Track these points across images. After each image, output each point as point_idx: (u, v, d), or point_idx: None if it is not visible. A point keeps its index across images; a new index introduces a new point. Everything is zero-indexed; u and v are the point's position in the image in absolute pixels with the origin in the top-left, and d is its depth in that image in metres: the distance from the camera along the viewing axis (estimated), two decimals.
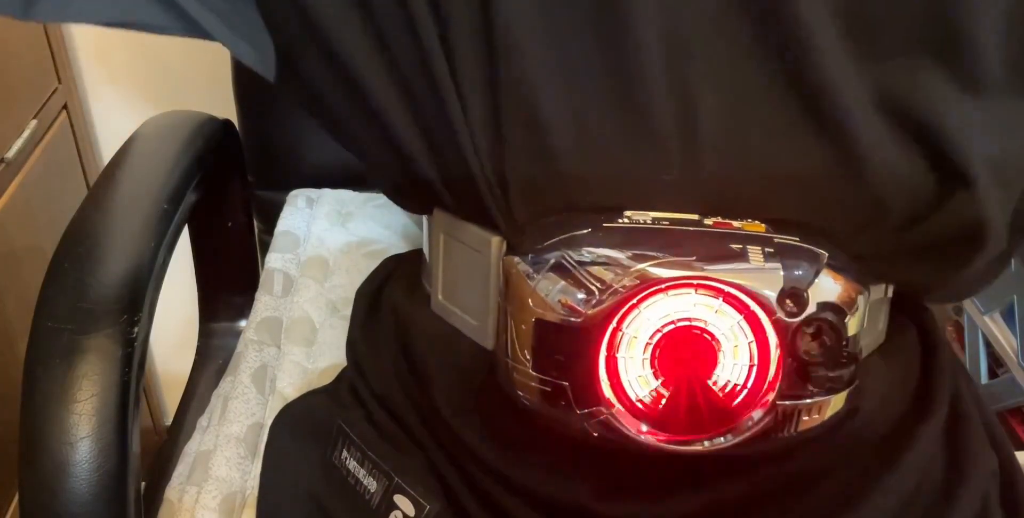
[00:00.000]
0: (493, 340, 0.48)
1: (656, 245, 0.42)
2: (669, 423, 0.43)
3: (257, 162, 0.89)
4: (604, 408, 0.43)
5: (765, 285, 0.41)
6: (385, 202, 0.89)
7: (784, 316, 0.41)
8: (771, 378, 0.42)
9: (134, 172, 0.61)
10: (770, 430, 0.43)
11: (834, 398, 0.43)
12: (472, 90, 0.42)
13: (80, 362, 0.46)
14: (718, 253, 0.41)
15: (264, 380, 0.68)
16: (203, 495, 0.59)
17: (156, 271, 0.54)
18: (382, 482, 0.50)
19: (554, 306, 0.42)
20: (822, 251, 0.42)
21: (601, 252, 0.42)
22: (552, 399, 0.43)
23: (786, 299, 0.41)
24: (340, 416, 0.54)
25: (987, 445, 0.52)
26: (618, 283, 0.41)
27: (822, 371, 0.42)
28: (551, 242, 0.43)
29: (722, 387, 0.43)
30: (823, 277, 0.42)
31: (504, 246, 0.46)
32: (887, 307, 0.51)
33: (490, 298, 0.47)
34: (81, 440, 0.45)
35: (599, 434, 0.43)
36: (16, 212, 0.92)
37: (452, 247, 0.50)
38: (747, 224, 0.43)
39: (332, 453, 0.54)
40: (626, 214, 0.43)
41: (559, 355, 0.43)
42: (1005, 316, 0.97)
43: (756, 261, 0.41)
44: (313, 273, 0.78)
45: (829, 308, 0.42)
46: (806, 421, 0.43)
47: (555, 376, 0.43)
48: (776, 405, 0.42)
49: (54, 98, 1.01)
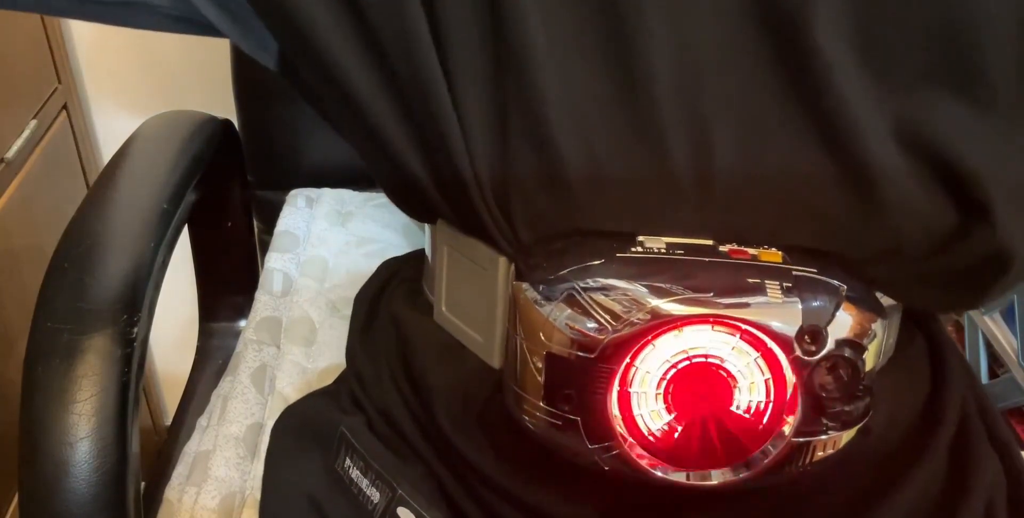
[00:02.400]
0: (498, 359, 0.47)
1: (672, 277, 0.41)
2: (681, 457, 0.42)
3: (257, 162, 0.89)
4: (616, 443, 0.42)
5: (783, 322, 0.40)
6: (385, 202, 0.88)
7: (802, 354, 0.41)
8: (786, 414, 0.42)
9: (134, 172, 0.61)
10: (783, 463, 0.42)
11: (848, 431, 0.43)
12: (475, 112, 0.41)
13: (80, 362, 0.46)
14: (735, 287, 0.41)
15: (263, 380, 0.68)
16: (202, 495, 0.59)
17: (156, 271, 0.54)
18: (385, 493, 0.50)
19: (566, 340, 0.41)
20: (840, 284, 0.41)
21: (615, 284, 0.41)
22: (562, 431, 0.43)
23: (804, 337, 0.40)
24: (342, 421, 0.54)
25: (993, 456, 0.51)
26: (633, 318, 0.40)
27: (838, 406, 0.42)
28: (563, 273, 0.42)
29: (737, 423, 0.42)
30: (841, 313, 0.41)
31: (512, 268, 0.45)
32: (898, 320, 0.50)
33: (497, 319, 0.46)
34: (81, 440, 0.45)
35: (610, 467, 0.43)
36: (16, 212, 0.92)
37: (457, 260, 0.49)
38: (763, 252, 0.42)
39: (335, 460, 0.53)
40: (639, 240, 0.43)
41: (570, 389, 0.42)
42: (1005, 316, 0.97)
43: (774, 296, 0.40)
44: (313, 273, 0.78)
45: (847, 344, 0.41)
46: (820, 455, 0.43)
47: (566, 410, 0.42)
48: (792, 442, 0.42)
49: (54, 98, 1.01)
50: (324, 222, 0.85)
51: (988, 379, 1.02)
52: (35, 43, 0.98)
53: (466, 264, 0.48)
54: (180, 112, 0.69)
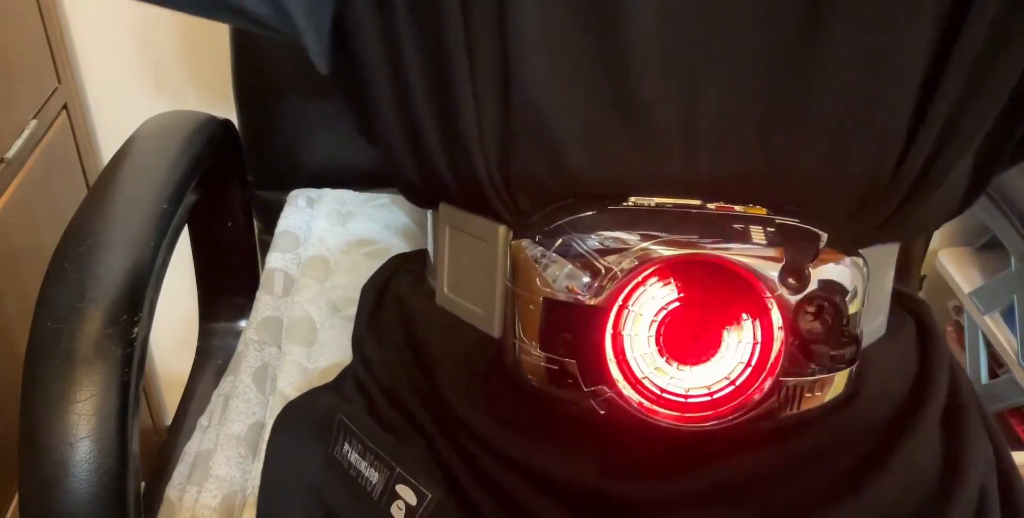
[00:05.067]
0: (499, 328, 0.49)
1: (660, 226, 0.43)
2: (673, 399, 0.44)
3: (257, 162, 0.89)
4: (611, 386, 0.43)
5: (767, 263, 0.42)
6: (385, 203, 0.89)
7: (786, 293, 0.42)
8: (775, 355, 0.43)
9: (134, 172, 0.61)
10: (774, 408, 0.44)
11: (836, 378, 0.44)
12: (485, 89, 0.43)
13: (80, 362, 0.46)
14: (720, 233, 0.42)
15: (265, 380, 0.68)
16: (203, 494, 0.59)
17: (156, 271, 0.54)
18: (383, 473, 0.51)
19: (562, 286, 0.43)
20: (822, 231, 0.43)
21: (606, 233, 0.43)
22: (559, 378, 0.44)
23: (788, 276, 0.42)
24: (342, 410, 0.55)
25: (984, 433, 0.53)
26: (623, 262, 0.42)
27: (824, 349, 0.43)
28: (557, 224, 0.44)
29: None
30: (824, 256, 0.43)
31: (511, 234, 0.47)
32: (889, 300, 0.52)
33: (497, 285, 0.48)
34: (81, 440, 0.45)
35: (606, 412, 0.44)
36: (16, 212, 0.92)
37: (458, 239, 0.51)
38: (749, 208, 0.44)
39: (333, 448, 0.54)
40: (631, 199, 0.44)
41: (566, 333, 0.44)
42: (1005, 316, 0.97)
43: (758, 240, 0.42)
44: (313, 273, 0.78)
45: (830, 286, 0.43)
46: (808, 399, 0.44)
47: (562, 354, 0.44)
48: (780, 382, 0.43)
49: (54, 98, 1.01)
50: (325, 222, 0.85)
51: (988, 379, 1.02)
52: (35, 43, 0.98)
53: (467, 240, 0.50)
54: (180, 112, 0.69)
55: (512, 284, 0.46)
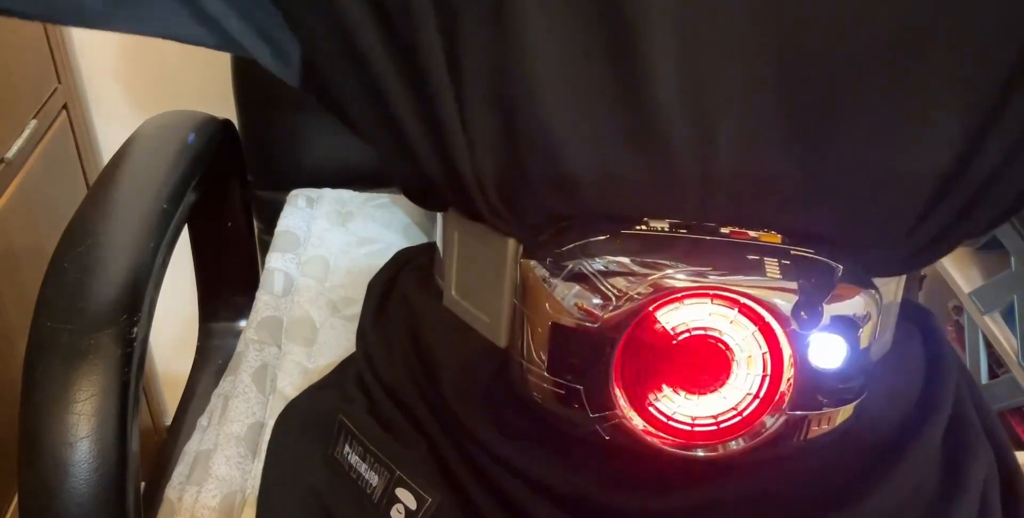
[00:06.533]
0: (505, 338, 0.48)
1: (673, 254, 0.42)
2: (679, 428, 0.43)
3: (257, 162, 0.89)
4: (617, 412, 0.43)
5: (781, 297, 0.41)
6: (385, 202, 0.89)
7: (799, 328, 0.41)
8: (783, 388, 0.42)
9: (134, 172, 0.61)
10: (780, 437, 0.43)
11: (844, 407, 0.44)
12: (480, 119, 0.42)
13: (80, 362, 0.46)
14: (735, 264, 0.41)
15: (265, 379, 0.68)
16: (203, 494, 0.59)
17: (156, 271, 0.54)
18: (383, 476, 0.50)
19: (571, 311, 0.42)
20: (837, 264, 0.42)
21: (618, 259, 0.42)
22: (565, 402, 0.44)
23: (801, 312, 0.41)
24: (343, 411, 0.55)
25: (987, 449, 0.52)
26: (634, 290, 0.41)
27: (834, 384, 0.42)
28: (569, 248, 0.43)
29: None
30: (838, 291, 0.42)
31: (520, 248, 0.46)
32: (896, 316, 0.51)
33: (504, 297, 0.47)
34: (81, 440, 0.45)
35: (611, 437, 0.44)
36: (16, 212, 0.92)
37: (467, 245, 0.51)
38: (763, 235, 0.43)
39: (334, 448, 0.54)
40: (644, 220, 0.44)
41: (574, 359, 0.43)
42: (1005, 316, 0.97)
43: (772, 273, 0.41)
44: (313, 273, 0.78)
45: (843, 321, 0.42)
46: (815, 430, 0.43)
47: (569, 380, 0.43)
48: (787, 414, 0.43)
49: (54, 98, 1.01)
50: (325, 222, 0.85)
51: (988, 379, 1.02)
52: (35, 43, 0.98)
53: (476, 247, 0.50)
54: (180, 112, 0.69)
55: (521, 304, 0.45)
